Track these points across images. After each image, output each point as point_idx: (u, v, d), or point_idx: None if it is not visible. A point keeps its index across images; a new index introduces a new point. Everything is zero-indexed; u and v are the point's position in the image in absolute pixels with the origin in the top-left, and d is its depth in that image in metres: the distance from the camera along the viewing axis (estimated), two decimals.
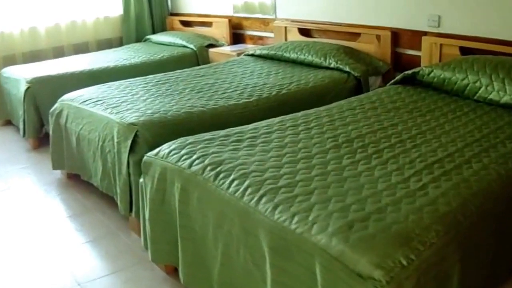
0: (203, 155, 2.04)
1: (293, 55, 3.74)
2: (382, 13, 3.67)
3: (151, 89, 3.25)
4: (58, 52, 5.07)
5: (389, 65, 3.65)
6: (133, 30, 5.45)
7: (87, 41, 5.26)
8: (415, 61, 3.53)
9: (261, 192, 1.76)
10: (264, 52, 3.95)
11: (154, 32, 5.57)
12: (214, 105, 2.81)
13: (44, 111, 3.95)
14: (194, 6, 5.36)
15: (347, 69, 3.45)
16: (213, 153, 2.07)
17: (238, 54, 4.26)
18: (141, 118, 2.58)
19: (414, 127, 2.44)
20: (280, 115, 2.89)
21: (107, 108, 2.84)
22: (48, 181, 3.40)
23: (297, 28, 4.15)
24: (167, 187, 2.08)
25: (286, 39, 4.24)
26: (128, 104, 2.90)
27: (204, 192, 1.90)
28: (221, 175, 1.89)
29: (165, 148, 2.17)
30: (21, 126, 4.03)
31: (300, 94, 3.14)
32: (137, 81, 3.48)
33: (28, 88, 3.92)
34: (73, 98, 3.19)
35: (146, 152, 2.43)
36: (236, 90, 3.10)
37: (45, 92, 3.97)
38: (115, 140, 2.59)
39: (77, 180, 3.25)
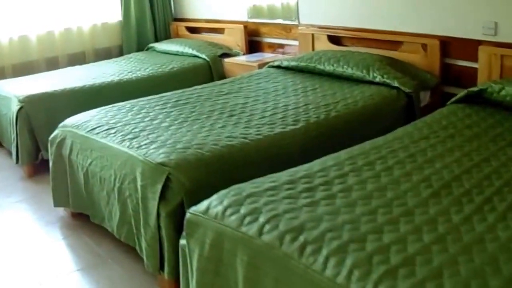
0: (273, 216, 1.49)
1: (328, 68, 3.21)
2: (429, 19, 3.16)
3: (171, 111, 2.68)
4: (52, 63, 4.45)
5: (437, 77, 3.15)
6: (134, 38, 4.85)
7: (83, 50, 4.65)
8: (469, 74, 3.04)
9: (373, 276, 1.23)
10: (293, 63, 3.41)
11: (157, 40, 4.97)
12: (257, 134, 2.26)
13: (40, 135, 3.35)
14: (202, 11, 4.77)
15: (395, 84, 2.94)
16: (285, 212, 1.52)
17: (260, 66, 3.72)
18: (172, 156, 2.01)
19: (510, 161, 1.95)
20: (333, 142, 2.39)
21: (123, 140, 2.27)
22: (50, 220, 2.79)
23: (326, 35, 3.64)
24: (225, 257, 1.53)
25: (313, 48, 3.72)
26: (149, 133, 2.33)
27: (286, 272, 1.35)
28: (308, 249, 1.34)
29: (216, 204, 1.61)
30: (13, 152, 3.42)
31: (350, 116, 2.61)
32: (152, 101, 2.91)
33: (21, 108, 3.31)
34: (77, 124, 2.60)
35: (181, 200, 1.89)
36: (276, 113, 2.55)
37: (40, 112, 3.36)
38: (139, 183, 2.02)
39: (85, 220, 2.67)
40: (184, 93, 3.03)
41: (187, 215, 1.67)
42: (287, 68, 3.45)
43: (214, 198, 1.65)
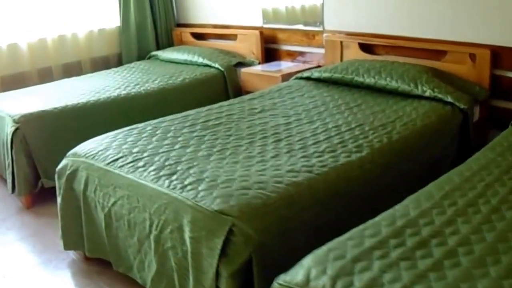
0: None
1: (369, 80, 2.83)
2: (477, 26, 2.80)
3: (203, 135, 2.25)
4: (45, 75, 3.93)
5: (487, 90, 2.81)
6: (134, 45, 4.37)
7: (79, 59, 4.14)
8: None
9: None
10: (326, 75, 3.02)
11: (159, 47, 4.50)
12: (321, 166, 1.84)
13: (40, 160, 2.87)
14: (208, 15, 4.32)
15: (449, 99, 2.57)
16: (413, 283, 1.13)
17: (283, 77, 3.32)
18: (232, 201, 1.57)
19: None
20: (400, 170, 2.06)
21: (159, 176, 1.82)
22: (59, 265, 2.31)
23: (357, 43, 3.26)
24: None
25: (341, 57, 3.34)
26: (188, 166, 1.89)
27: None
28: None
29: (318, 274, 1.18)
30: (8, 180, 2.92)
31: (412, 138, 2.22)
32: (175, 121, 2.46)
33: (16, 129, 2.82)
34: (92, 153, 2.14)
35: (248, 257, 1.48)
36: (329, 136, 2.15)
37: (39, 134, 2.87)
38: (187, 233, 1.60)
39: (103, 265, 2.21)
40: (211, 111, 2.60)
41: (276, 286, 1.25)
42: (318, 80, 3.07)
43: (311, 264, 1.23)
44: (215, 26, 4.26)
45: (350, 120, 2.37)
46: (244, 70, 3.59)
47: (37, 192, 2.91)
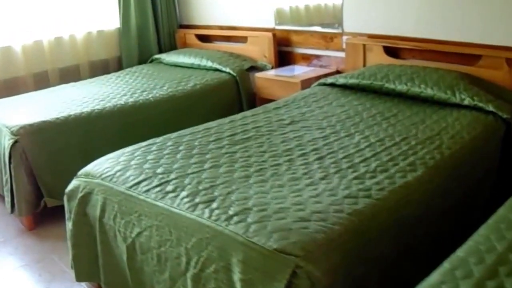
0: None
1: (400, 87, 2.60)
2: None
3: (234, 152, 1.97)
4: (41, 80, 3.62)
5: None
6: (135, 48, 4.07)
7: (77, 63, 3.83)
8: None
9: None
10: (353, 81, 2.79)
11: (160, 50, 4.23)
12: (378, 189, 1.58)
13: (42, 177, 2.58)
14: (214, 16, 4.04)
15: (490, 108, 2.36)
16: None
17: (303, 83, 3.08)
18: (292, 237, 1.32)
19: None
20: (455, 191, 1.86)
21: (195, 204, 1.55)
22: None
23: (382, 46, 3.04)
24: None
25: (364, 61, 3.12)
26: (227, 190, 1.62)
27: None
28: None
29: None
30: (7, 198, 2.62)
31: (462, 153, 1.99)
32: (198, 135, 2.18)
33: (15, 142, 2.53)
34: (109, 173, 1.86)
35: None
36: (376, 152, 1.88)
37: (41, 148, 2.58)
38: (238, 275, 1.34)
39: None
40: (235, 123, 2.34)
41: None
42: (344, 87, 2.84)
43: None
44: (221, 28, 4.00)
45: (391, 132, 2.14)
46: (258, 75, 3.33)
47: (39, 211, 2.63)
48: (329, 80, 2.89)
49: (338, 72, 3.31)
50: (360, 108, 2.51)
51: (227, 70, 3.41)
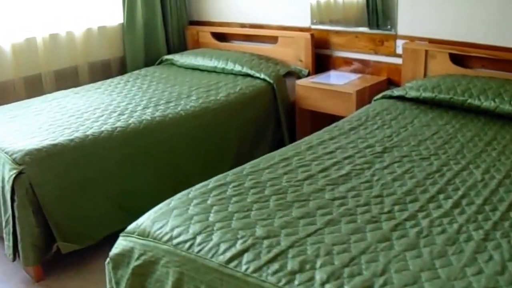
0: None
1: (487, 104, 2.11)
2: None
3: (342, 197, 1.43)
4: (34, 85, 2.94)
5: None
6: (141, 47, 3.43)
7: (75, 65, 3.16)
8: None
9: None
10: (427, 94, 2.31)
11: (169, 50, 3.62)
12: None
13: (54, 216, 1.96)
14: (234, 12, 3.44)
15: None
16: None
17: (359, 94, 2.58)
18: None
19: None
20: None
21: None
22: None
23: (447, 53, 2.59)
24: None
25: (425, 70, 2.66)
26: (377, 269, 1.11)
27: None
28: None
29: None
30: (7, 243, 1.98)
31: None
32: (277, 169, 1.62)
33: (20, 174, 1.91)
34: (182, 237, 1.29)
35: None
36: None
37: (52, 179, 1.96)
38: None
39: None
40: (314, 149, 1.80)
41: None
42: (415, 100, 2.36)
43: None
44: (243, 25, 3.43)
45: (510, 163, 1.70)
46: (299, 82, 2.80)
47: (49, 258, 2.03)
48: (396, 92, 2.41)
49: (389, 80, 2.84)
50: (451, 130, 2.05)
51: (262, 76, 2.86)
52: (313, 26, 3.08)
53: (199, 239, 1.28)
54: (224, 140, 2.57)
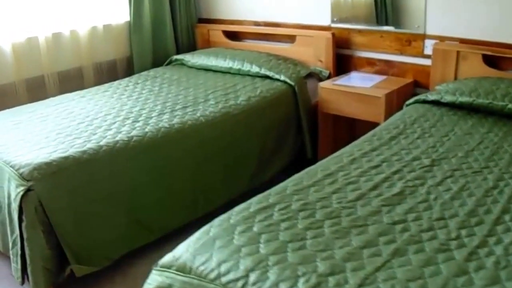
0: None
1: None
2: None
3: (401, 220, 1.25)
4: (36, 87, 2.73)
5: None
6: (149, 46, 3.23)
7: (79, 66, 2.96)
8: None
9: None
10: (464, 99, 2.12)
11: (178, 49, 3.41)
12: None
13: (67, 237, 1.77)
14: (247, 10, 3.24)
15: None
16: None
17: (388, 98, 2.41)
18: None
19: None
20: None
21: None
22: None
23: (481, 54, 2.42)
24: None
25: (456, 72, 2.49)
26: None
27: None
28: None
29: None
30: (14, 265, 1.79)
31: None
32: (324, 187, 1.44)
33: (28, 191, 1.71)
34: (232, 274, 1.10)
35: None
36: None
37: (64, 197, 1.78)
38: None
39: None
40: (358, 162, 1.64)
41: None
42: (451, 105, 2.20)
43: None
44: (257, 23, 3.24)
45: None
46: (322, 84, 2.62)
47: (62, 281, 1.83)
48: (431, 96, 2.23)
49: (416, 82, 2.68)
50: (495, 138, 1.88)
51: (282, 78, 2.67)
52: (333, 25, 2.90)
53: (252, 277, 1.09)
54: (245, 147, 2.38)
